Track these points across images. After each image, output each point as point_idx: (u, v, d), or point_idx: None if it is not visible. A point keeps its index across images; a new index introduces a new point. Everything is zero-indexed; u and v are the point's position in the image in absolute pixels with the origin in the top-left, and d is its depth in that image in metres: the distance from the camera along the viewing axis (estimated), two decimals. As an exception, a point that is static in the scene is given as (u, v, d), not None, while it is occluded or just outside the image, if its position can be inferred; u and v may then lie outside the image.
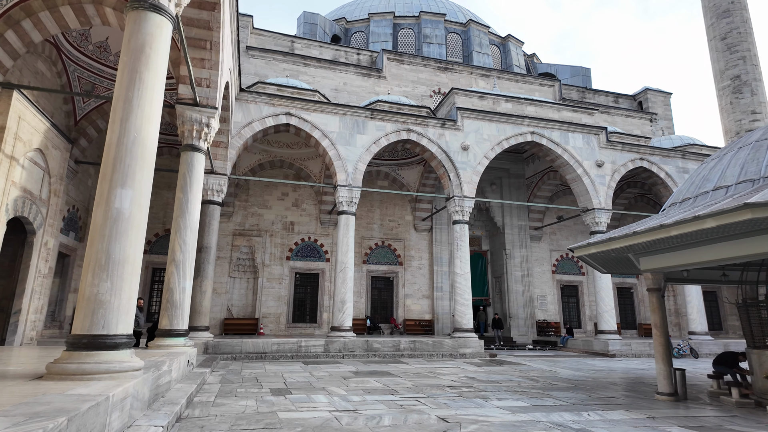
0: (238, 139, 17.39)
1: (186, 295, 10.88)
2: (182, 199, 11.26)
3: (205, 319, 15.65)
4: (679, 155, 23.35)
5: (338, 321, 17.24)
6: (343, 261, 17.73)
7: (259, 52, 23.99)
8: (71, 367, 4.98)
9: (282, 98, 18.05)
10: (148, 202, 6.04)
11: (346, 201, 18.11)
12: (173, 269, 10.81)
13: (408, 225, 24.61)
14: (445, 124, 19.94)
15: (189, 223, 11.22)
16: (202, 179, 11.77)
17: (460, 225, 19.54)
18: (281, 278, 22.18)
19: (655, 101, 31.47)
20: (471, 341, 18.10)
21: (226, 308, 21.21)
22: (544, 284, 26.04)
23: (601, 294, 20.72)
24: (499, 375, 12.75)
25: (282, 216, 22.89)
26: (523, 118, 21.06)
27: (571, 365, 15.93)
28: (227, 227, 21.90)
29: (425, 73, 26.96)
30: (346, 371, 12.76)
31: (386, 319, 23.33)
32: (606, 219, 21.29)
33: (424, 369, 13.67)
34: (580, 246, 10.20)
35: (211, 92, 11.81)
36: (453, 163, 19.71)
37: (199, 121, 11.65)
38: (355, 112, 18.89)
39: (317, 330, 22.08)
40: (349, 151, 18.48)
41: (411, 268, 24.09)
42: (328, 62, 24.97)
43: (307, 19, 29.10)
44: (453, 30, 31.68)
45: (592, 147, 21.91)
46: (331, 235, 23.21)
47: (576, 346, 21.86)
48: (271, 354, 15.80)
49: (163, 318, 10.63)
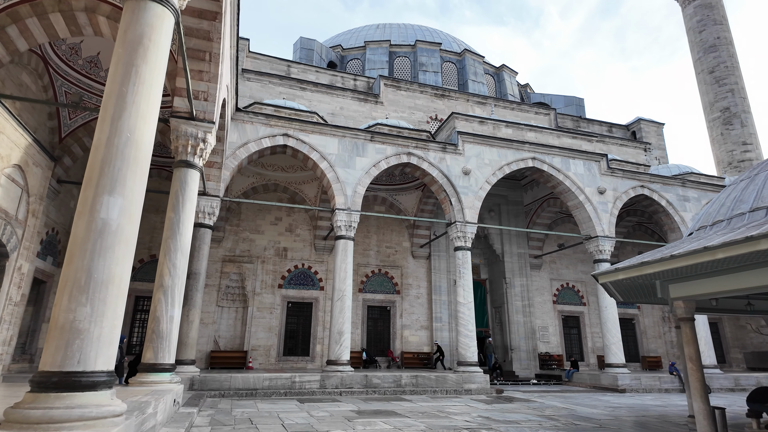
0: (233, 159, 16.62)
1: (174, 325, 9.83)
2: (173, 218, 10.34)
3: (191, 352, 14.42)
4: (678, 183, 23.16)
5: (335, 354, 16.10)
6: (341, 288, 16.75)
7: (254, 75, 23.55)
8: (35, 414, 3.99)
9: (279, 119, 17.43)
10: (140, 212, 5.19)
11: (345, 225, 17.29)
12: (161, 296, 9.78)
13: (405, 252, 23.77)
14: (446, 148, 19.47)
15: (180, 245, 10.27)
16: (195, 198, 10.90)
17: (462, 251, 18.79)
18: (272, 307, 21.00)
19: (648, 131, 31.68)
20: (476, 376, 17.03)
21: (213, 340, 19.86)
22: (545, 315, 25.18)
23: (607, 325, 19.93)
24: (514, 414, 11.73)
25: (275, 242, 21.90)
26: (524, 143, 20.72)
27: (584, 401, 14.94)
28: (216, 253, 20.82)
29: (422, 99, 26.76)
30: (347, 411, 11.63)
31: (382, 352, 22.13)
32: (610, 247, 20.75)
33: (431, 408, 12.59)
34: (606, 272, 9.47)
35: (208, 106, 11.11)
36: (454, 187, 19.13)
37: (194, 135, 10.88)
38: (355, 135, 18.33)
39: (310, 364, 20.78)
40: (348, 174, 17.79)
41: (409, 297, 23.10)
42: (325, 87, 24.62)
43: (304, 44, 28.97)
44: (448, 59, 31.85)
45: (593, 174, 21.58)
46: (326, 261, 22.23)
47: (582, 380, 20.86)
48: (262, 390, 14.54)
49: (148, 350, 9.53)
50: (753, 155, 31.81)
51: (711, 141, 34.10)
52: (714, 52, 34.56)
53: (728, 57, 34.21)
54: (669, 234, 23.07)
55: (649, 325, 26.88)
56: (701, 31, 35.42)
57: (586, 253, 27.26)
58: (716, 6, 35.63)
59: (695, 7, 36.10)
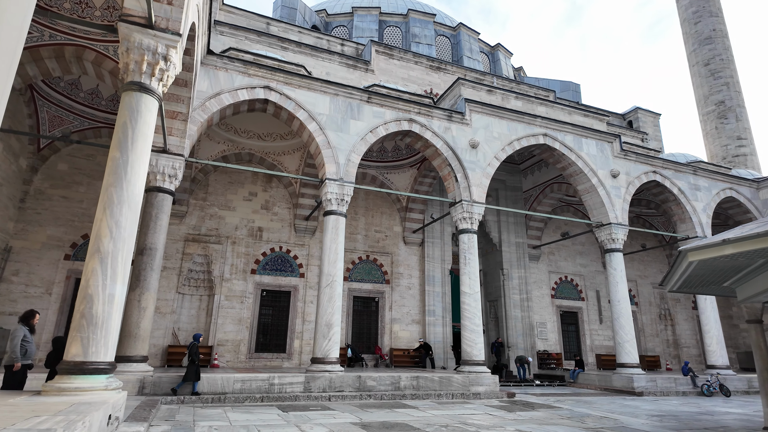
0: (202, 112, 13.57)
1: (114, 307, 6.90)
2: (119, 160, 7.39)
3: (143, 346, 11.36)
4: (690, 171, 21.60)
5: (322, 350, 13.37)
6: (331, 273, 14.03)
7: (228, 29, 20.33)
8: None
9: (260, 67, 14.48)
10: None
11: (336, 199, 14.56)
12: (96, 265, 6.84)
13: (397, 237, 21.22)
14: (452, 116, 17.02)
15: (127, 196, 7.33)
16: (151, 135, 7.95)
17: (468, 235, 16.43)
18: (243, 296, 18.00)
19: (645, 121, 30.34)
20: (484, 377, 14.69)
21: (171, 332, 16.71)
22: (543, 310, 23.23)
23: (620, 321, 18.03)
24: (553, 426, 9.40)
25: (248, 220, 18.88)
26: (536, 117, 18.55)
27: (613, 408, 12.83)
28: (178, 231, 17.64)
29: (416, 71, 24.22)
30: (346, 423, 8.99)
31: (369, 349, 19.52)
32: (623, 235, 18.88)
33: (448, 418, 10.10)
34: (703, 247, 7.21)
35: (173, 12, 8.18)
36: (461, 162, 16.72)
37: (153, 49, 7.92)
38: (349, 93, 15.59)
39: (286, 361, 17.93)
40: (341, 139, 15.05)
41: (399, 288, 20.56)
42: (310, 48, 21.67)
43: (285, 2, 25.78)
44: (442, 33, 29.45)
45: (606, 155, 19.68)
46: (307, 245, 19.39)
47: (589, 381, 18.93)
48: (233, 395, 11.66)
49: (73, 343, 6.59)
50: (747, 150, 31.02)
51: (704, 134, 33.21)
52: (709, 44, 33.66)
53: (723, 50, 33.38)
54: (679, 224, 21.48)
55: (647, 322, 25.42)
56: (697, 22, 34.48)
57: (585, 245, 25.62)
58: (712, -3, 34.76)
59: (691, -2, 35.12)
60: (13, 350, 7.35)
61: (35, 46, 12.25)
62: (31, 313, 7.87)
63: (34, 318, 7.85)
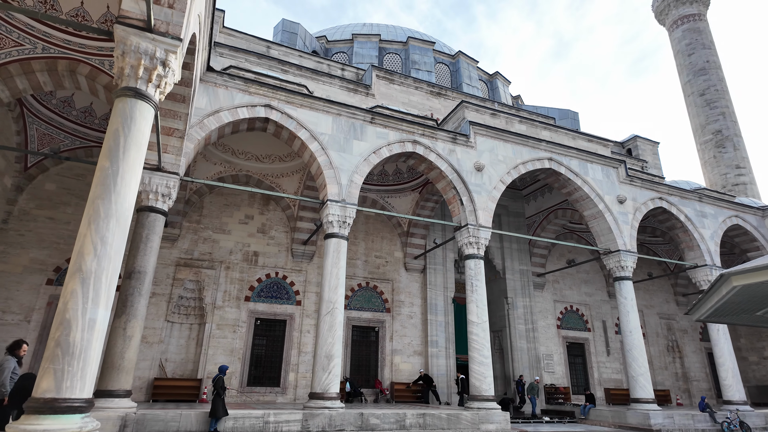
0: (199, 129, 12.99)
1: (95, 334, 6.06)
2: (108, 170, 6.70)
3: (127, 379, 10.36)
4: (696, 198, 21.26)
5: (322, 385, 12.38)
6: (331, 299, 13.20)
7: (228, 50, 20.08)
8: None
9: (261, 86, 14.04)
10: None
11: (338, 221, 13.88)
12: (77, 286, 6.05)
13: (398, 263, 20.45)
14: (457, 138, 16.61)
15: (116, 210, 6.61)
16: (145, 144, 7.30)
17: (474, 260, 15.74)
18: (236, 325, 17.00)
19: (644, 149, 30.28)
20: (495, 414, 13.70)
21: (158, 364, 15.60)
22: (549, 341, 22.32)
23: (633, 353, 17.20)
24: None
25: (244, 244, 18.08)
26: (540, 141, 18.21)
27: (637, 448, 11.88)
28: (169, 255, 16.79)
29: (417, 96, 24.05)
30: (354, 468, 8.01)
31: (368, 382, 18.41)
32: (632, 263, 18.27)
33: (464, 460, 9.13)
34: (754, 269, 6.58)
35: (175, 16, 7.67)
36: (466, 184, 16.20)
37: (151, 54, 7.37)
38: (352, 114, 15.16)
39: (280, 396, 16.79)
40: (343, 159, 14.50)
41: (400, 317, 19.64)
42: (311, 71, 21.44)
43: (286, 27, 25.78)
44: (441, 60, 29.57)
45: (612, 181, 19.29)
46: (305, 271, 18.55)
47: (602, 417, 17.89)
48: (224, 434, 10.62)
49: (45, 376, 5.72)
50: (747, 179, 30.98)
51: (702, 163, 33.22)
52: (704, 75, 34.14)
53: (718, 81, 33.85)
54: (687, 252, 20.94)
55: (655, 354, 24.53)
56: (690, 54, 35.09)
57: (590, 273, 24.97)
58: (704, 31, 35.55)
59: (684, 31, 35.88)
60: (3, 383, 6.82)
61: (27, 59, 11.72)
62: (17, 344, 7.34)
63: (20, 348, 7.20)
